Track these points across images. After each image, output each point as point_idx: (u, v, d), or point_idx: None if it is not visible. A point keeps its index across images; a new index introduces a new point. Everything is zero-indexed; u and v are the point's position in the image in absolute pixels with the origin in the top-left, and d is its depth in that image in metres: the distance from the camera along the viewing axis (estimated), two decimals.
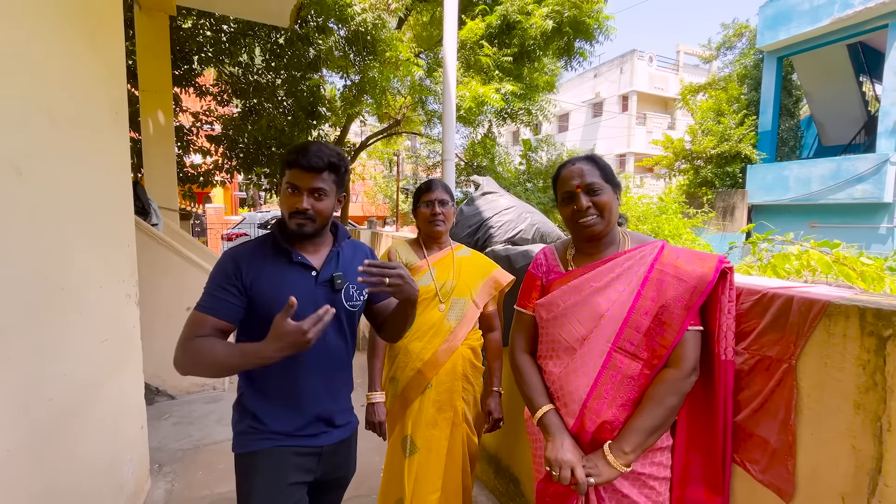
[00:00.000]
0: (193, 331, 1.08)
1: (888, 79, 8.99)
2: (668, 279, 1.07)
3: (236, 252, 1.17)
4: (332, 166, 1.13)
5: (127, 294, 2.07)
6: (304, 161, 1.09)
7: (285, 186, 1.14)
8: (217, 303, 1.10)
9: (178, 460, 2.63)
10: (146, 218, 3.81)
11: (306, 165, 1.10)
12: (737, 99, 12.02)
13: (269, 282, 1.13)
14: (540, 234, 2.31)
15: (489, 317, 1.76)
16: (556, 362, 1.18)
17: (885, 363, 0.82)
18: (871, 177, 9.00)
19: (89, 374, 1.67)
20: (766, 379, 1.02)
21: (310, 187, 1.11)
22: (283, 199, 1.14)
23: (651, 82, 20.64)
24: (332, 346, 1.21)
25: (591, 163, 1.18)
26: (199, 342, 1.06)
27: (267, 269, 1.15)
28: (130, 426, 2.11)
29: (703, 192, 11.14)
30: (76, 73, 1.63)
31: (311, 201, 1.11)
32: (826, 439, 0.92)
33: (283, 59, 6.49)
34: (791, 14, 10.14)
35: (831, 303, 0.90)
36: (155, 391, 3.45)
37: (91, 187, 1.74)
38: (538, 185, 7.94)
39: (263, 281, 1.13)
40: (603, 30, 7.47)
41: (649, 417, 1.03)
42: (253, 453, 1.15)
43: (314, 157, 1.10)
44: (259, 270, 1.14)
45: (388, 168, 18.52)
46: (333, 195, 1.17)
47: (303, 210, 1.11)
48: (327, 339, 1.18)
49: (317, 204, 1.12)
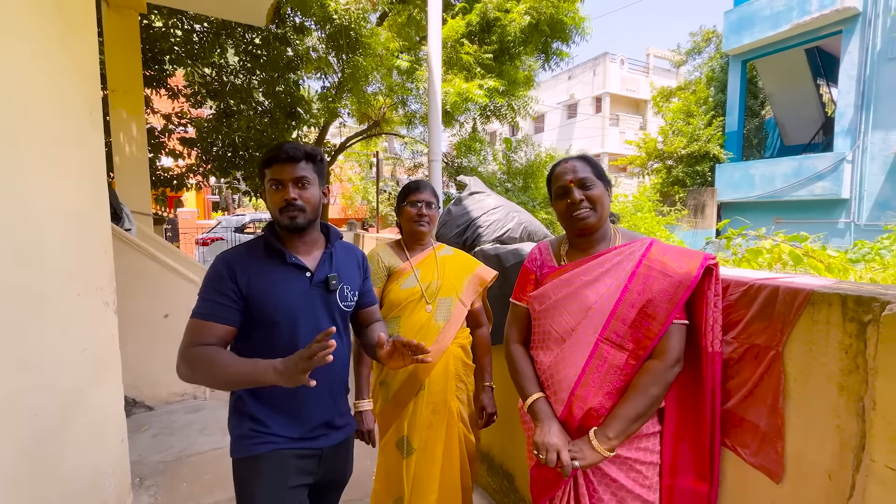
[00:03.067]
0: (194, 338, 1.05)
1: (843, 82, 9.51)
2: (655, 274, 1.11)
3: (228, 256, 1.16)
4: (308, 156, 1.16)
5: (105, 301, 1.99)
6: (283, 153, 1.13)
7: (269, 185, 1.15)
8: (216, 308, 1.08)
9: (160, 473, 2.54)
10: (118, 223, 3.66)
11: (285, 157, 1.13)
12: (705, 101, 12.50)
13: (265, 284, 1.12)
14: (527, 233, 2.35)
15: (476, 313, 1.76)
16: (546, 352, 1.23)
17: (865, 346, 0.87)
18: (829, 174, 9.50)
19: (70, 386, 1.60)
20: (754, 366, 1.07)
21: (293, 177, 1.13)
22: (270, 198, 1.16)
23: (623, 84, 21.18)
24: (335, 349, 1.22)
25: (583, 161, 1.24)
26: (201, 351, 1.04)
27: (262, 271, 1.14)
28: (111, 439, 2.03)
29: (675, 191, 11.53)
30: (50, 74, 1.56)
31: (297, 191, 1.14)
32: (812, 421, 0.97)
33: (260, 59, 6.35)
34: (753, 19, 10.61)
35: (815, 291, 0.96)
36: (132, 402, 3.33)
37: (67, 191, 1.67)
38: (518, 185, 8.04)
39: (260, 283, 1.12)
40: (579, 30, 7.64)
41: (633, 405, 1.08)
42: (255, 457, 1.13)
43: (291, 149, 1.14)
44: (254, 273, 1.13)
45: (366, 169, 18.38)
46: (317, 185, 1.19)
47: (291, 200, 1.12)
48: None
49: (303, 193, 1.14)
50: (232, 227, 11.11)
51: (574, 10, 7.35)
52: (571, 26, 7.48)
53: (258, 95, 6.73)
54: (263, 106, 6.83)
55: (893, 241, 3.28)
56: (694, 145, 11.48)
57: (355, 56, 6.26)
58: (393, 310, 1.63)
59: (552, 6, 7.06)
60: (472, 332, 1.78)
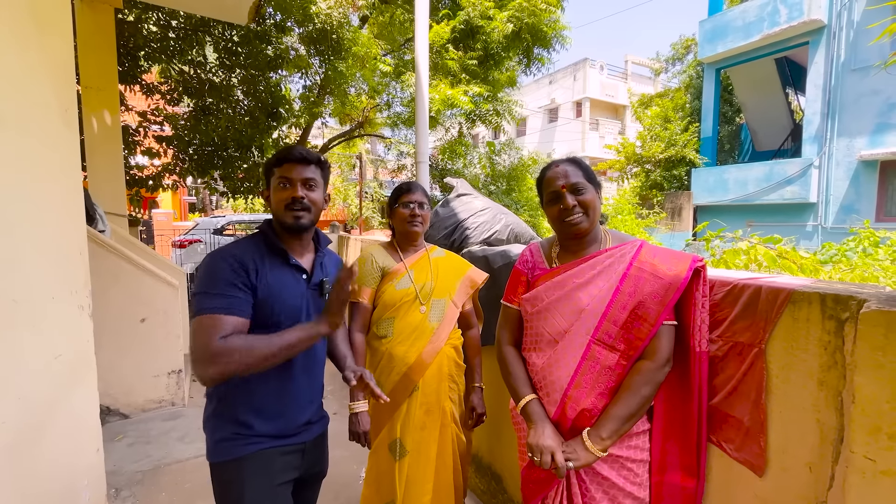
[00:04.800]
0: (215, 333, 1.00)
1: (810, 91, 9.94)
2: (646, 276, 1.13)
3: (236, 251, 1.13)
4: (319, 162, 1.20)
5: (80, 305, 1.91)
6: (297, 153, 1.16)
7: (277, 183, 1.16)
8: (233, 302, 1.05)
9: (137, 483, 2.45)
10: (92, 224, 3.53)
11: (298, 157, 1.15)
12: (682, 107, 12.87)
13: (275, 283, 1.13)
14: (514, 235, 2.37)
15: (467, 315, 1.78)
16: (539, 354, 1.23)
17: (843, 343, 0.91)
18: (798, 179, 9.90)
19: (43, 394, 1.53)
20: (738, 363, 1.10)
21: (302, 178, 1.16)
22: (276, 195, 1.16)
23: (602, 90, 21.61)
24: (319, 348, 1.26)
25: (574, 164, 1.24)
26: (231, 341, 1.00)
27: (270, 268, 1.14)
28: (86, 449, 1.94)
29: (653, 194, 11.81)
30: (23, 70, 1.50)
31: (304, 191, 1.16)
32: (793, 415, 1.01)
33: (239, 57, 6.23)
34: (727, 29, 10.99)
35: (795, 290, 0.99)
36: (106, 410, 3.20)
37: (40, 191, 1.60)
38: (502, 188, 8.10)
39: (270, 281, 1.13)
40: (559, 39, 7.79)
41: (625, 406, 1.09)
42: (238, 459, 1.12)
43: (304, 151, 1.17)
44: (265, 270, 1.13)
45: (347, 171, 18.19)
46: (322, 189, 1.22)
47: (300, 198, 1.14)
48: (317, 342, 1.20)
49: (310, 194, 1.17)
50: (210, 228, 10.82)
51: (556, 16, 7.49)
52: (552, 34, 7.62)
53: (238, 94, 6.60)
54: (243, 105, 6.69)
55: (858, 244, 3.45)
56: (671, 150, 11.81)
57: (337, 60, 6.22)
58: (388, 310, 1.64)
59: (533, 15, 7.19)
60: (463, 334, 1.79)
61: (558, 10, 7.59)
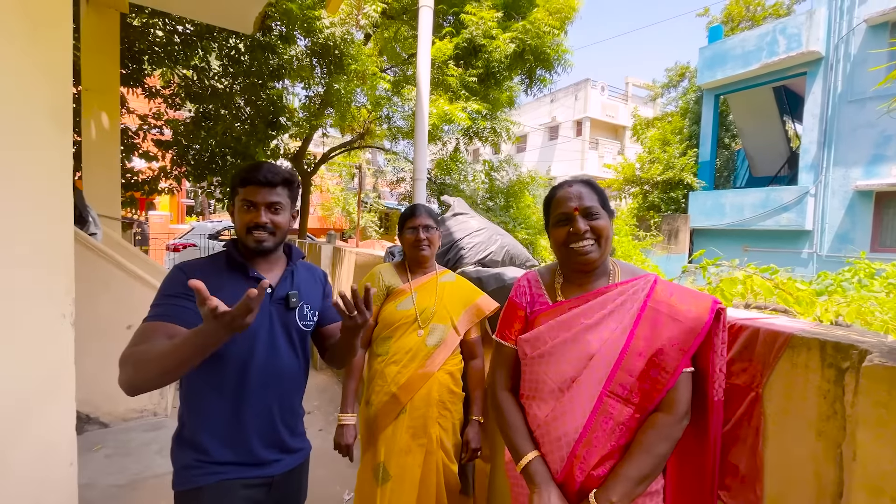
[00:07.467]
0: (135, 340, 0.97)
1: (807, 120, 10.09)
2: (663, 318, 1.01)
3: (186, 266, 1.12)
4: (286, 181, 1.16)
5: (62, 314, 1.86)
6: (261, 176, 1.11)
7: (241, 204, 1.13)
8: (174, 310, 1.02)
9: (111, 498, 2.37)
10: (83, 227, 3.48)
11: (262, 181, 1.11)
12: (680, 131, 13.03)
13: (227, 297, 1.07)
14: (510, 256, 2.34)
15: (472, 344, 1.73)
16: (541, 404, 1.09)
17: (843, 393, 0.88)
18: (794, 206, 9.98)
19: (15, 406, 1.47)
20: (735, 406, 1.06)
21: (267, 202, 1.12)
22: (240, 217, 1.13)
23: (603, 110, 21.88)
24: (286, 365, 1.17)
25: (588, 186, 1.11)
26: (137, 347, 0.96)
27: (223, 284, 1.10)
28: (58, 463, 1.87)
29: (650, 216, 11.87)
30: (14, 71, 1.48)
31: (269, 216, 1.13)
32: (791, 465, 0.97)
33: (242, 65, 6.26)
34: (726, 57, 11.20)
35: (794, 335, 0.96)
36: (85, 419, 3.12)
37: (25, 194, 1.56)
38: (500, 204, 8.11)
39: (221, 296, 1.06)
40: (561, 62, 7.89)
41: (638, 465, 0.97)
42: (197, 489, 1.06)
43: (269, 173, 1.12)
44: (216, 285, 1.07)
45: (346, 180, 18.24)
46: (289, 210, 1.19)
47: (262, 224, 1.11)
48: (279, 357, 1.15)
49: (274, 218, 1.14)
50: (206, 233, 10.75)
51: (559, 38, 7.59)
52: (554, 56, 7.72)
53: (239, 102, 6.62)
54: (244, 112, 6.71)
55: (854, 275, 3.45)
56: (669, 172, 11.91)
57: (339, 76, 6.28)
58: (385, 330, 1.63)
59: (537, 37, 7.29)
60: (465, 362, 1.75)
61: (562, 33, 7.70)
